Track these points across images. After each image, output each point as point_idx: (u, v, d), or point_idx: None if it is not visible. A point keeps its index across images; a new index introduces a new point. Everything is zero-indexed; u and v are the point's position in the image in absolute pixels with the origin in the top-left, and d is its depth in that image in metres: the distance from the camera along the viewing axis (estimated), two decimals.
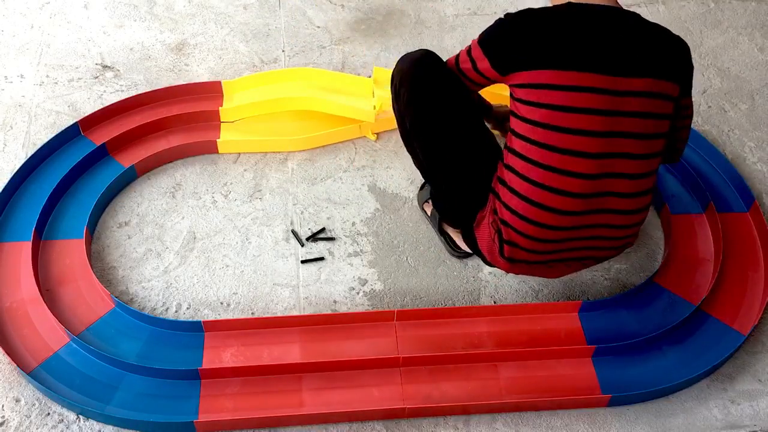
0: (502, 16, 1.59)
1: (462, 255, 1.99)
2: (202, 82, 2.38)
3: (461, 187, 1.72)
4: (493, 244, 1.68)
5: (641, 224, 1.68)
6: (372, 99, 2.26)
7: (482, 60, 1.60)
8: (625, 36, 1.52)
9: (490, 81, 1.64)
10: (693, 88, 1.68)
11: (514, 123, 1.58)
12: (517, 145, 1.57)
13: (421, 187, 2.12)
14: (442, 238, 2.01)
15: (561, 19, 1.53)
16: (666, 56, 1.55)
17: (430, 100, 1.69)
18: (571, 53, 1.50)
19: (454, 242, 1.99)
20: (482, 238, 1.71)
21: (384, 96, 2.20)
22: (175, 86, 2.37)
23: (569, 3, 1.57)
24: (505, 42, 1.56)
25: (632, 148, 1.54)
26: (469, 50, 1.64)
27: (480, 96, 1.92)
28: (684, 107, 1.67)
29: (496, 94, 2.20)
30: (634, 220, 1.64)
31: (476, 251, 1.78)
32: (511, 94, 1.60)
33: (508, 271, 1.74)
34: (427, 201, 2.06)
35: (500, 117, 1.96)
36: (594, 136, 1.51)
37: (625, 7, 1.58)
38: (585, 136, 1.50)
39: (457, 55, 1.68)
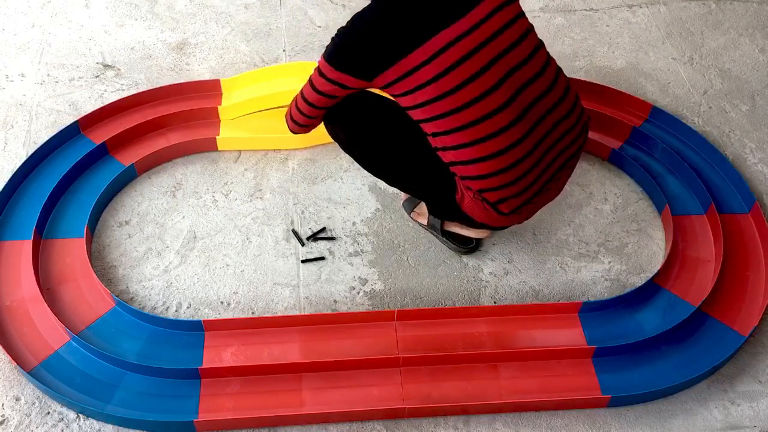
0: (338, 31, 1.60)
1: (471, 249, 2.00)
2: (201, 81, 2.38)
3: (428, 183, 1.76)
4: (488, 212, 1.71)
5: (577, 100, 1.72)
6: None
7: (342, 76, 1.60)
8: None
9: (358, 90, 1.65)
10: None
11: (413, 114, 1.61)
12: (431, 127, 1.60)
13: (402, 200, 2.12)
14: (446, 240, 2.01)
15: (387, 7, 1.54)
16: None
17: (366, 134, 1.77)
18: (416, 28, 1.52)
19: (459, 240, 1.99)
20: (476, 213, 1.74)
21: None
22: (173, 84, 2.37)
23: None
24: (357, 52, 1.56)
25: (520, 56, 1.57)
26: (322, 75, 1.63)
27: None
28: None
29: None
30: (570, 102, 1.68)
31: (481, 226, 1.82)
32: (390, 94, 1.62)
33: (520, 222, 1.79)
34: (414, 210, 2.07)
35: None
36: (484, 72, 1.53)
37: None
38: (478, 78, 1.53)
39: (311, 85, 1.67)
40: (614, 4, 2.87)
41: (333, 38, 1.60)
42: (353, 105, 1.73)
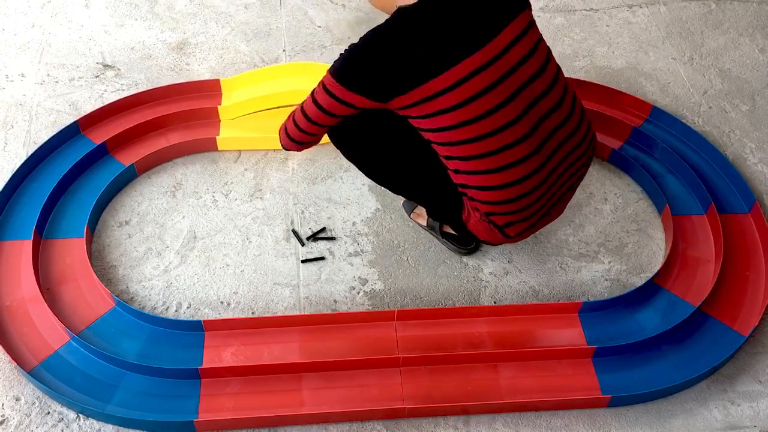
0: (350, 47, 1.52)
1: (471, 250, 2.01)
2: (201, 80, 2.38)
3: (433, 193, 1.77)
4: (493, 233, 1.73)
5: (590, 125, 1.72)
6: None
7: (353, 96, 1.53)
8: (468, 4, 1.49)
9: (364, 109, 1.59)
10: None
11: (427, 135, 1.58)
12: (445, 150, 1.59)
13: (403, 200, 2.12)
14: (446, 241, 2.01)
15: (409, 28, 1.48)
16: None
17: (373, 148, 1.75)
18: (439, 54, 1.47)
19: (459, 241, 1.99)
20: (481, 233, 1.75)
21: None
22: (173, 84, 2.37)
23: (401, 9, 1.51)
24: (374, 73, 1.49)
25: (542, 86, 1.56)
26: (328, 92, 1.56)
27: None
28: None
29: None
30: (582, 130, 1.68)
31: (480, 242, 1.84)
32: (406, 116, 1.57)
33: (519, 241, 1.80)
34: (414, 211, 2.07)
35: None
36: (507, 104, 1.52)
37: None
38: (500, 110, 1.51)
39: (314, 101, 1.60)
40: (614, 4, 2.87)
41: (344, 55, 1.53)
42: (360, 117, 1.66)
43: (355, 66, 1.51)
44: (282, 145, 1.77)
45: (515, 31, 1.51)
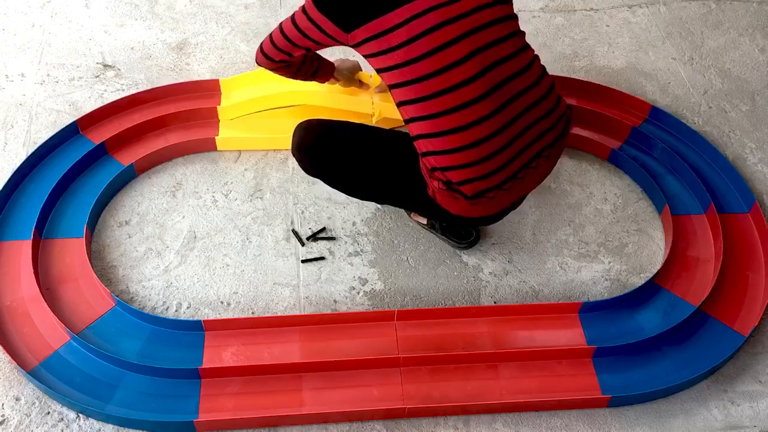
0: None
1: (470, 243, 2.01)
2: (200, 80, 2.38)
3: (399, 187, 1.78)
4: (457, 200, 1.66)
5: (553, 87, 1.69)
6: (371, 106, 2.24)
7: (325, 21, 1.61)
8: None
9: (330, 42, 1.67)
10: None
11: (383, 76, 1.61)
12: (398, 95, 1.60)
13: None
14: (445, 237, 2.01)
15: None
16: None
17: (331, 162, 1.80)
18: None
19: (459, 235, 2.00)
20: (448, 204, 1.70)
21: (383, 105, 2.20)
22: (172, 84, 2.37)
23: None
24: (342, 1, 1.58)
25: (494, 35, 1.56)
26: (304, 12, 1.65)
27: (319, 57, 2.00)
28: None
29: (389, 119, 2.23)
30: (545, 87, 1.65)
31: (459, 220, 1.78)
32: (363, 54, 1.62)
33: (494, 212, 1.73)
34: (414, 211, 2.08)
35: (345, 72, 2.12)
36: (453, 44, 1.53)
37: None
38: (446, 48, 1.53)
39: (291, 19, 1.70)
40: (614, 4, 2.87)
41: None
42: (314, 140, 1.77)
43: None
44: (256, 62, 1.88)
45: None
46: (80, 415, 1.67)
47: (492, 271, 1.99)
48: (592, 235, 2.09)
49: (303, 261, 1.99)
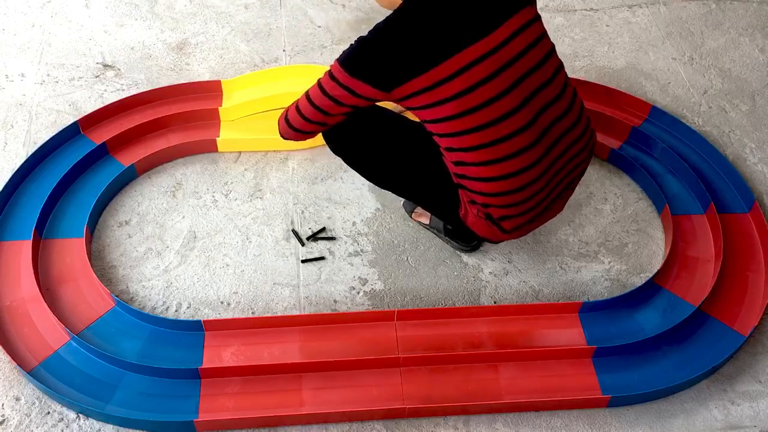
0: (359, 39, 1.55)
1: (474, 247, 2.01)
2: (202, 81, 2.38)
3: (430, 192, 1.78)
4: (490, 228, 1.73)
5: (590, 121, 1.73)
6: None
7: (360, 85, 1.55)
8: None
9: (370, 102, 1.60)
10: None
11: (429, 128, 1.60)
12: (448, 143, 1.60)
13: (403, 200, 2.12)
14: (449, 239, 2.01)
15: (414, 17, 1.51)
16: None
17: (364, 155, 1.78)
18: (443, 43, 1.49)
19: (462, 238, 2.00)
20: (479, 229, 1.76)
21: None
22: (174, 85, 2.37)
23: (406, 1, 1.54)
24: (379, 60, 1.52)
25: (542, 78, 1.57)
26: (334, 79, 1.58)
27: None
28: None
29: None
30: (582, 126, 1.69)
31: (480, 239, 1.85)
32: (408, 107, 1.58)
33: (518, 237, 1.80)
34: (414, 211, 2.08)
35: None
36: (507, 93, 1.53)
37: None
38: (500, 99, 1.53)
39: (319, 88, 1.62)
40: (614, 4, 2.87)
41: (352, 45, 1.56)
42: (354, 119, 1.69)
43: (361, 53, 1.53)
44: (281, 134, 1.78)
45: (517, 23, 1.53)
46: (80, 415, 1.67)
47: (492, 271, 1.99)
48: (592, 235, 2.09)
49: (303, 261, 1.99)
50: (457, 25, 1.50)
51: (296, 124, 1.72)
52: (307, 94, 1.67)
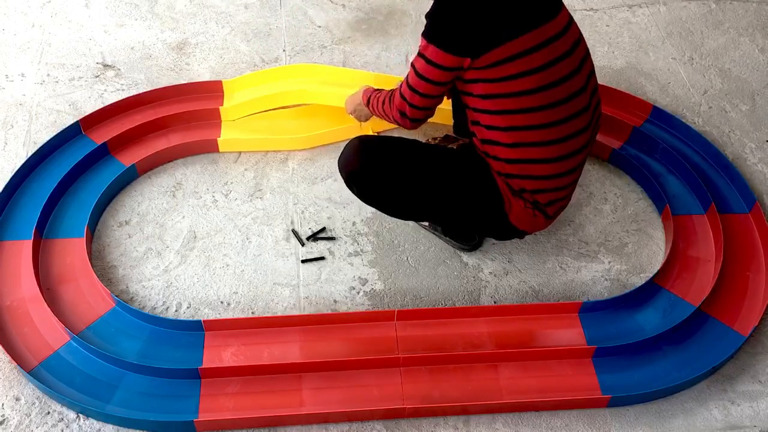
0: (433, 10, 1.58)
1: (474, 246, 2.01)
2: (203, 81, 2.38)
3: (474, 203, 1.77)
4: (534, 218, 1.78)
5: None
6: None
7: (449, 59, 1.58)
8: None
9: (454, 78, 1.63)
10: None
11: (497, 104, 1.61)
12: (513, 120, 1.62)
13: None
14: (449, 239, 2.01)
15: None
16: None
17: (384, 188, 1.75)
18: (520, 16, 1.55)
19: (462, 237, 2.00)
20: (522, 222, 1.78)
21: None
22: (175, 85, 2.37)
23: None
24: (460, 29, 1.55)
25: (587, 69, 1.69)
26: (425, 59, 1.61)
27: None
28: None
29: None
30: (599, 110, 1.78)
31: (512, 234, 1.87)
32: (476, 79, 1.60)
33: (554, 219, 1.85)
34: None
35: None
36: (568, 79, 1.61)
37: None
38: (564, 83, 1.61)
39: (413, 71, 1.65)
40: (614, 4, 2.87)
41: (430, 19, 1.58)
42: (372, 162, 1.71)
43: (444, 26, 1.57)
44: (408, 128, 1.80)
45: (566, 17, 1.63)
46: (80, 415, 1.67)
47: (492, 271, 1.99)
48: (592, 235, 2.09)
49: (303, 261, 1.99)
50: (526, 4, 1.56)
51: (410, 114, 1.72)
52: (407, 84, 1.68)
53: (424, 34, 1.61)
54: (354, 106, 1.98)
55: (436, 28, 1.58)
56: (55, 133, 2.20)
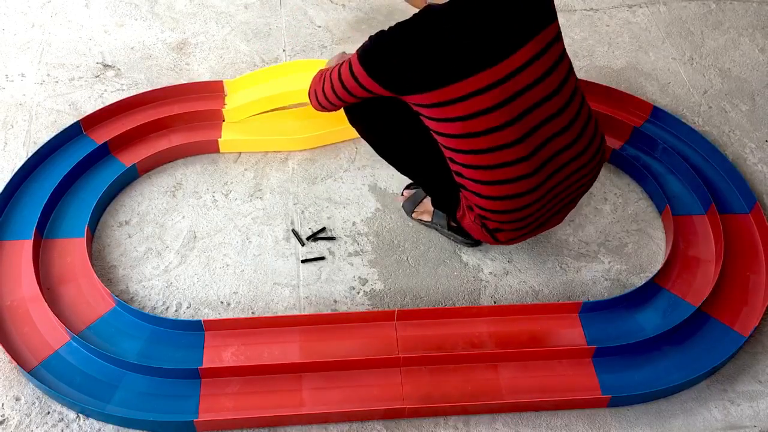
0: (379, 34, 1.53)
1: (477, 242, 2.01)
2: (204, 82, 2.38)
3: (435, 182, 1.79)
4: (485, 235, 1.78)
5: (602, 148, 1.73)
6: None
7: (372, 84, 1.57)
8: (494, 14, 1.48)
9: (382, 96, 1.61)
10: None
11: (435, 136, 1.61)
12: (451, 155, 1.61)
13: (403, 200, 2.12)
14: (452, 233, 2.01)
15: (433, 28, 1.48)
16: (535, 4, 1.53)
17: (380, 129, 1.78)
18: (457, 61, 1.47)
19: (464, 233, 2.00)
20: (473, 231, 1.81)
21: None
22: (176, 85, 2.37)
23: (429, 6, 1.51)
24: (396, 67, 1.51)
25: (551, 110, 1.56)
26: (352, 74, 1.59)
27: None
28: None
29: None
30: (591, 152, 1.68)
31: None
32: (417, 113, 1.59)
33: (512, 244, 1.83)
34: (415, 210, 2.07)
35: None
36: (510, 125, 1.53)
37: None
38: (503, 129, 1.53)
39: (339, 77, 1.64)
40: (614, 4, 2.87)
41: (372, 39, 1.54)
42: (376, 100, 1.68)
43: (379, 55, 1.53)
44: (312, 106, 1.83)
45: (535, 48, 1.51)
46: (80, 415, 1.67)
47: (492, 271, 1.99)
48: (592, 235, 2.09)
49: (303, 261, 1.99)
50: (477, 43, 1.47)
51: (321, 101, 1.76)
52: (330, 77, 1.68)
53: (360, 54, 1.55)
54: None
55: (373, 57, 1.53)
56: (55, 133, 2.20)
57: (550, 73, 1.55)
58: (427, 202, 2.04)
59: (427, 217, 2.05)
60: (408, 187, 2.13)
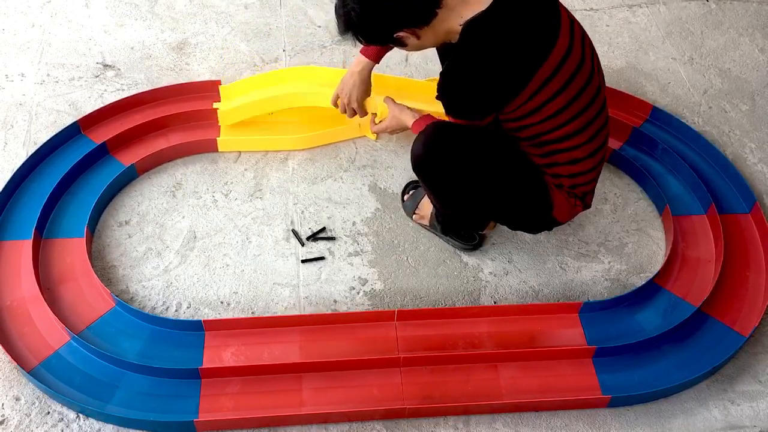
0: (447, 82, 1.62)
1: (475, 246, 2.01)
2: (202, 81, 2.38)
3: (522, 197, 1.78)
4: (575, 207, 1.80)
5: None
6: (374, 106, 2.22)
7: (476, 119, 1.68)
8: (527, 9, 1.58)
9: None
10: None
11: (536, 129, 1.66)
12: (547, 137, 1.67)
13: (403, 199, 2.12)
14: (450, 238, 2.01)
15: (493, 38, 1.55)
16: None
17: (453, 180, 1.74)
18: (528, 52, 1.56)
19: (463, 237, 2.00)
20: (563, 213, 1.80)
21: (384, 105, 2.19)
22: (175, 85, 2.37)
23: (471, 23, 1.56)
24: (480, 98, 1.63)
25: (599, 79, 1.72)
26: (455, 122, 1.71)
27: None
28: None
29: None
30: (606, 115, 1.81)
31: (544, 225, 1.86)
32: (512, 128, 1.69)
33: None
34: (415, 212, 2.07)
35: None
36: (583, 90, 1.64)
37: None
38: (580, 95, 1.64)
39: (445, 122, 1.73)
40: (614, 4, 2.87)
41: (447, 90, 1.64)
42: (433, 159, 1.72)
43: (465, 103, 1.66)
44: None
45: (566, 35, 1.60)
46: (80, 415, 1.67)
47: (492, 271, 1.99)
48: (592, 235, 2.09)
49: (303, 261, 1.99)
50: (533, 28, 1.56)
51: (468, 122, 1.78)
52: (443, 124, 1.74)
53: (450, 114, 1.70)
54: (397, 121, 1.93)
55: (462, 107, 1.67)
56: (54, 133, 2.20)
57: (593, 52, 1.70)
58: (427, 204, 2.03)
59: (425, 221, 2.05)
60: (406, 190, 2.13)
